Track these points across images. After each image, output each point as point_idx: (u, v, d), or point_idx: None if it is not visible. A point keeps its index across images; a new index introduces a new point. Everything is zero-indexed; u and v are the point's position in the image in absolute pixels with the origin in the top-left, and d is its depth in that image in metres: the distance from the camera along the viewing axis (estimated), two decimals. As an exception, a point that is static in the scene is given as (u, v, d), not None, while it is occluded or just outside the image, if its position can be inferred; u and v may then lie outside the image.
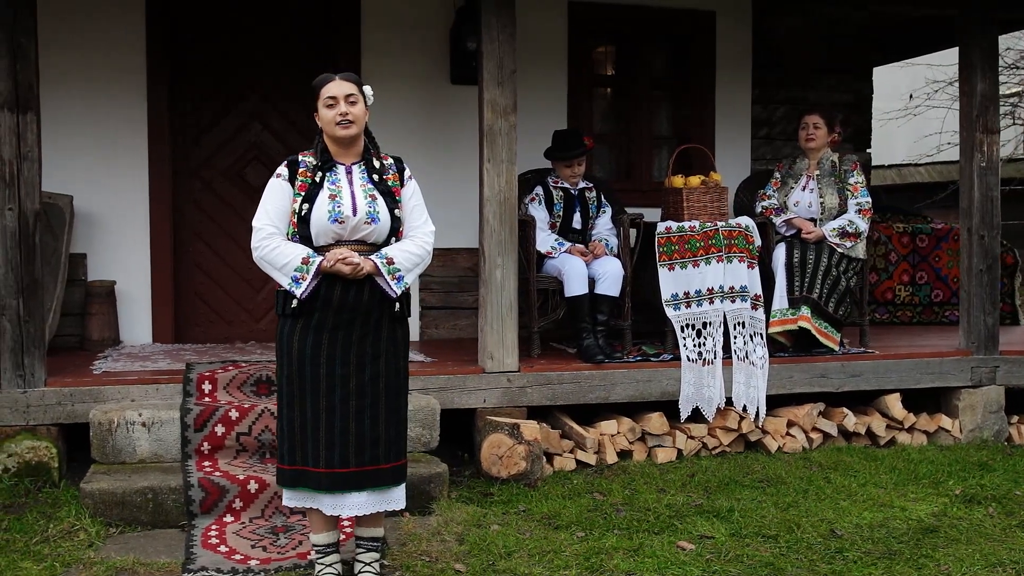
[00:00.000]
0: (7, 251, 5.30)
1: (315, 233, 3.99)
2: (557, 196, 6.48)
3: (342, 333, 3.99)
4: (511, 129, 5.78)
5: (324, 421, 3.99)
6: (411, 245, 4.08)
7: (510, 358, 5.86)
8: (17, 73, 5.26)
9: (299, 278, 3.95)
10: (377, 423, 4.02)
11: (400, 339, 4.11)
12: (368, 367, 4.01)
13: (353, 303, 3.98)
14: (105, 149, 6.62)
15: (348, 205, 3.99)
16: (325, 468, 3.98)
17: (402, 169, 4.18)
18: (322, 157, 4.11)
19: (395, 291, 4.00)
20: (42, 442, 5.32)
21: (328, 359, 3.98)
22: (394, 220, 4.04)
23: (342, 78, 4.08)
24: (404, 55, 7.08)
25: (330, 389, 3.98)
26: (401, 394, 4.10)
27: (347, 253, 3.94)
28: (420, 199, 4.21)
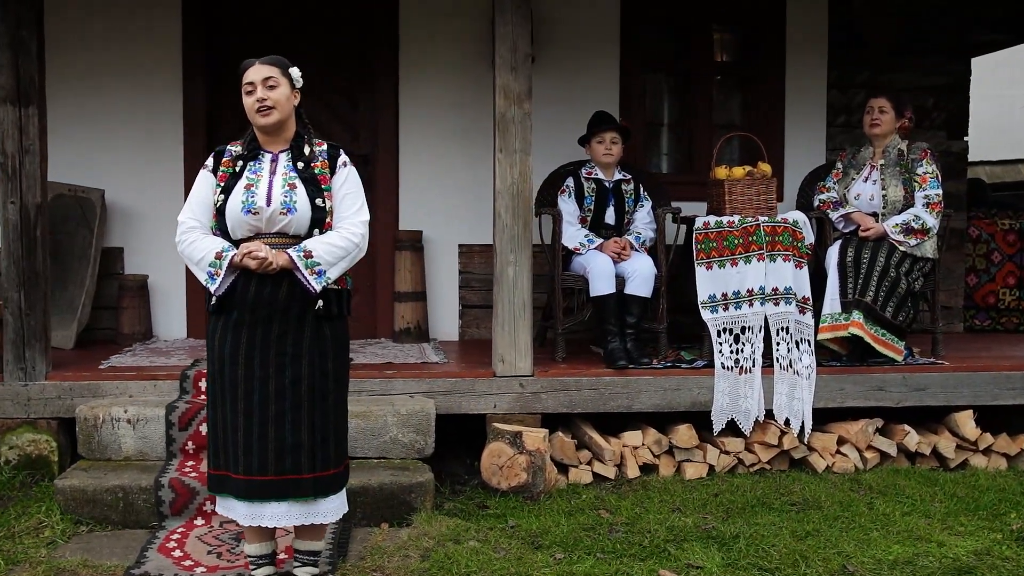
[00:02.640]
0: (9, 244, 5.30)
1: (231, 226, 3.76)
2: (589, 188, 6.06)
3: (260, 332, 3.73)
4: (525, 117, 5.41)
5: (243, 425, 3.74)
6: (335, 237, 3.77)
7: (523, 361, 5.50)
8: (19, 67, 5.25)
9: (213, 274, 3.73)
10: (299, 429, 3.74)
11: (329, 338, 3.81)
12: (288, 368, 3.73)
13: (269, 300, 3.72)
14: (141, 143, 6.61)
15: (263, 195, 3.73)
16: (244, 475, 3.74)
17: (335, 155, 3.89)
18: (249, 146, 3.87)
19: (314, 287, 3.71)
20: (42, 435, 5.31)
21: (247, 359, 3.74)
22: (316, 210, 3.75)
23: (262, 62, 3.81)
24: (443, 45, 6.81)
25: (248, 391, 3.73)
26: (328, 398, 3.81)
27: (254, 247, 3.69)
28: (355, 187, 3.89)
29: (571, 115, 6.43)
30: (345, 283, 3.89)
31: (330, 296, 3.80)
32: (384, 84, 6.86)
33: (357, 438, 5.10)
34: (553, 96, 6.81)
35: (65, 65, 6.62)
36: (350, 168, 3.90)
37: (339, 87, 6.94)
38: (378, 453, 5.13)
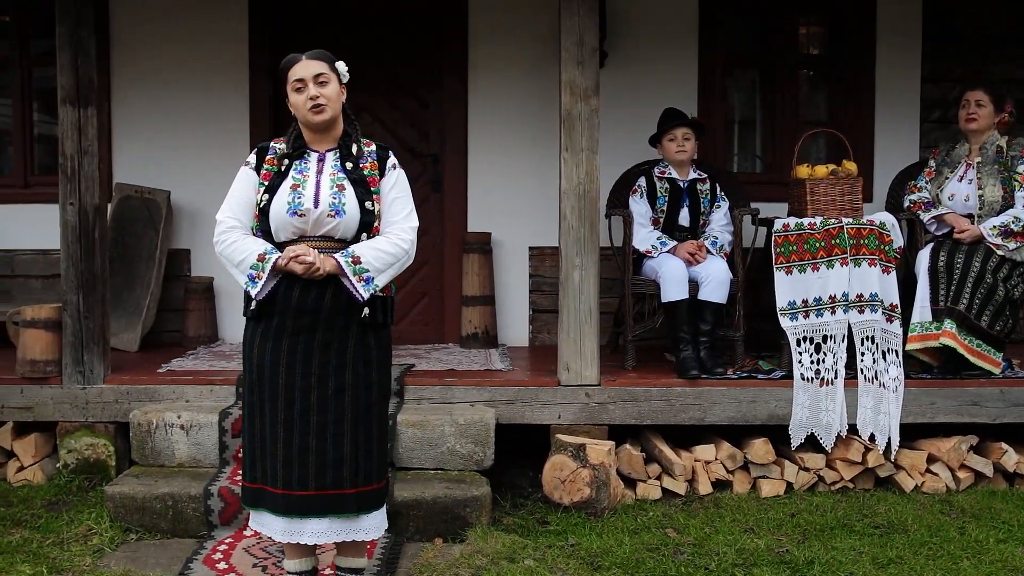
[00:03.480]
0: (68, 246, 5.25)
1: (275, 227, 3.58)
2: (662, 188, 5.77)
3: (303, 340, 3.55)
4: (592, 114, 5.16)
5: (282, 437, 3.56)
6: (384, 243, 3.58)
7: (589, 370, 5.24)
8: (78, 67, 5.20)
9: (255, 276, 3.55)
10: (341, 442, 3.55)
11: (374, 348, 3.62)
12: (332, 378, 3.55)
13: (313, 306, 3.54)
14: (207, 144, 6.53)
15: (310, 196, 3.55)
16: (282, 489, 3.56)
17: (384, 157, 3.70)
18: (294, 144, 3.69)
19: (361, 294, 3.52)
20: (100, 439, 5.25)
21: (288, 368, 3.56)
22: (365, 213, 3.56)
23: (310, 56, 3.63)
24: (513, 40, 6.58)
25: (289, 402, 3.56)
26: (371, 410, 3.61)
27: (301, 250, 3.50)
28: (404, 191, 3.70)
29: (647, 113, 6.13)
30: (389, 290, 3.70)
31: (376, 304, 3.61)
32: (453, 82, 6.67)
33: (413, 448, 4.93)
34: (628, 93, 6.54)
35: (132, 65, 6.62)
36: (400, 171, 3.71)
37: (407, 86, 6.78)
38: (435, 464, 4.93)
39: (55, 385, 5.29)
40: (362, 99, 6.74)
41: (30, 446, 5.28)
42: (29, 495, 5.05)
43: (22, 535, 4.56)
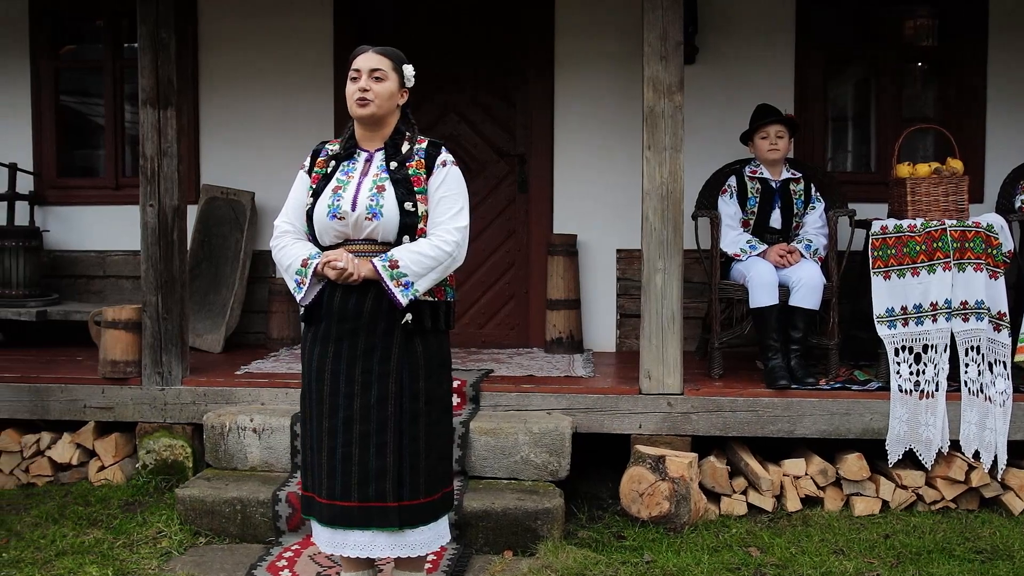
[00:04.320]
0: (148, 247, 5.26)
1: (318, 231, 3.48)
2: (752, 188, 5.51)
3: (346, 345, 3.44)
4: (676, 111, 4.94)
5: (327, 445, 3.46)
6: (424, 245, 3.42)
7: (671, 378, 5.02)
8: (158, 68, 5.20)
9: (300, 282, 3.46)
10: (384, 453, 3.41)
11: (421, 355, 3.47)
12: (374, 387, 3.42)
13: (354, 312, 3.42)
14: (291, 145, 6.48)
15: (349, 199, 3.43)
16: (327, 499, 3.45)
17: (434, 154, 3.53)
18: (346, 144, 3.59)
19: (400, 300, 3.38)
20: (178, 440, 5.25)
21: (332, 374, 3.45)
22: (405, 215, 3.41)
23: (375, 51, 3.52)
24: (600, 35, 6.38)
25: (334, 409, 3.45)
26: (418, 421, 3.46)
27: (334, 255, 3.39)
28: (453, 190, 3.51)
29: (740, 110, 5.88)
30: (443, 294, 3.55)
31: (422, 309, 3.47)
32: (539, 80, 6.51)
33: (486, 457, 4.78)
34: (720, 90, 6.30)
35: (218, 65, 6.66)
36: (450, 168, 3.53)
37: (494, 84, 6.64)
38: (508, 474, 4.78)
39: (135, 386, 5.31)
40: (449, 98, 6.67)
41: (111, 446, 5.31)
42: (107, 495, 5.08)
43: (96, 536, 4.57)
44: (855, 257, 5.46)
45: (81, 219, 6.82)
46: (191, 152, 6.65)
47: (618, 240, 6.44)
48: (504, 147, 6.64)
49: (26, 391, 5.36)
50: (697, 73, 6.17)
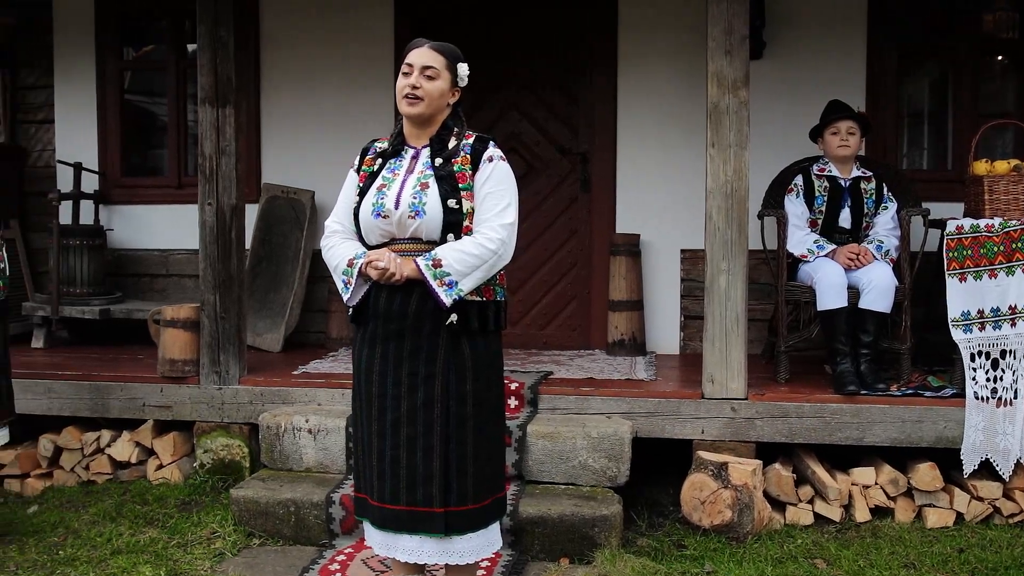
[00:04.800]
0: (206, 246, 5.26)
1: (364, 230, 3.41)
2: (820, 187, 5.32)
3: (393, 347, 3.36)
4: (741, 107, 4.79)
5: (376, 447, 3.39)
6: (468, 243, 3.31)
7: (735, 382, 4.87)
8: (217, 67, 5.19)
9: (347, 282, 3.40)
10: (430, 457, 3.32)
11: (468, 357, 3.36)
12: (420, 389, 3.33)
13: (399, 312, 3.33)
14: (351, 143, 6.36)
15: (392, 197, 3.34)
16: (377, 501, 3.38)
17: (480, 149, 3.41)
18: (395, 140, 3.50)
19: (444, 300, 3.28)
20: (235, 440, 5.23)
21: (380, 376, 3.37)
22: (449, 212, 3.30)
23: (430, 46, 3.41)
24: (665, 29, 6.23)
25: (382, 410, 3.37)
26: (466, 425, 3.35)
27: (375, 255, 3.32)
28: (500, 185, 3.38)
29: (809, 107, 5.70)
30: (492, 294, 3.45)
31: (469, 309, 3.36)
32: (602, 75, 6.38)
33: (543, 461, 4.68)
34: (788, 85, 6.10)
35: (280, 64, 6.65)
36: (497, 163, 3.40)
37: (556, 81, 6.52)
38: (565, 479, 4.67)
39: (193, 385, 5.31)
40: (511, 95, 6.57)
41: (169, 445, 5.32)
42: (165, 494, 5.07)
43: (151, 535, 4.57)
44: (929, 258, 5.24)
45: (145, 218, 6.87)
46: (252, 151, 6.65)
47: (682, 240, 6.29)
48: (566, 145, 6.52)
49: (87, 389, 5.39)
50: (764, 68, 5.98)
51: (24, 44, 6.96)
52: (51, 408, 5.43)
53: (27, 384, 5.39)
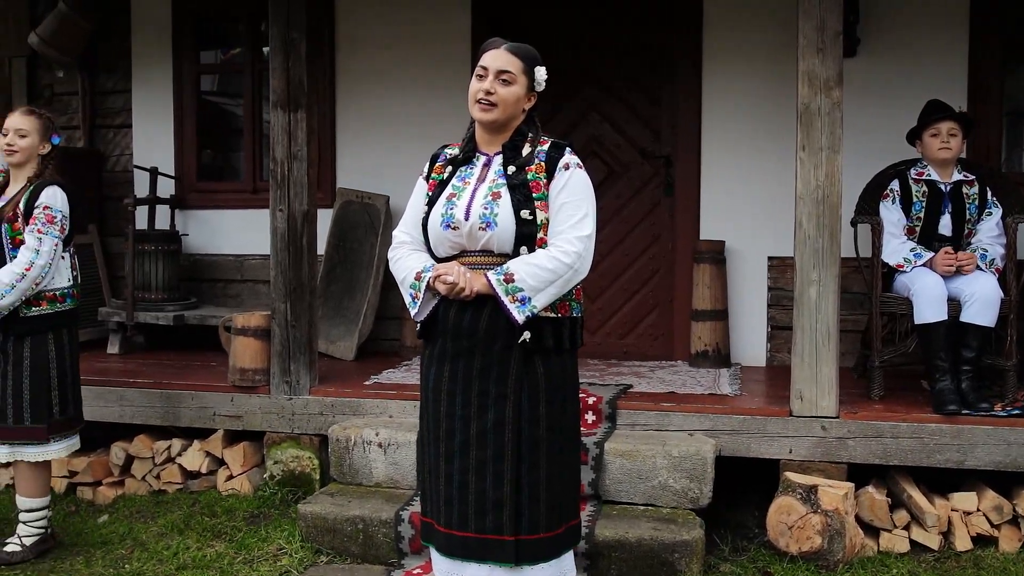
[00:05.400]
0: (277, 253, 5.15)
1: (432, 242, 3.25)
2: (918, 192, 5.01)
3: (462, 365, 3.19)
4: (834, 108, 4.52)
5: (443, 470, 3.22)
6: (542, 257, 3.12)
7: (826, 400, 4.60)
8: (289, 70, 5.08)
9: (414, 296, 3.24)
10: (501, 482, 3.14)
11: (543, 377, 3.19)
12: (491, 410, 3.15)
13: (469, 329, 3.17)
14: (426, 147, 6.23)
15: (463, 207, 3.18)
16: (444, 527, 3.22)
17: (556, 156, 3.22)
18: (466, 147, 3.33)
19: (517, 317, 3.10)
20: (305, 452, 5.11)
21: (448, 395, 3.21)
22: (522, 223, 3.13)
23: (507, 48, 3.24)
24: (753, 26, 5.96)
25: (450, 432, 3.21)
26: (539, 448, 3.17)
27: (444, 269, 3.15)
28: (576, 195, 3.20)
29: (904, 107, 5.39)
30: (568, 310, 3.25)
31: (543, 326, 3.18)
32: (686, 75, 6.13)
33: (621, 480, 4.47)
34: (883, 85, 5.79)
35: (355, 67, 6.56)
36: (574, 171, 3.22)
37: (637, 81, 6.28)
38: (644, 499, 4.46)
39: (263, 395, 5.21)
40: (591, 97, 6.37)
41: (239, 455, 5.22)
42: (233, 506, 4.98)
43: (218, 549, 4.47)
44: (1023, 269, 4.91)
45: (220, 223, 6.82)
46: (327, 155, 6.56)
47: (770, 247, 6.01)
48: (649, 148, 6.29)
49: (158, 397, 5.33)
50: (858, 66, 5.68)
51: (103, 49, 6.97)
52: (123, 416, 5.38)
53: (99, 391, 5.36)
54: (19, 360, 4.34)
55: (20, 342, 4.34)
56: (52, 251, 4.31)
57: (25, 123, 4.40)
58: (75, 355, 4.55)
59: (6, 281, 4.24)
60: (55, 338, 4.40)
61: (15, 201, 4.34)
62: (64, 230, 4.37)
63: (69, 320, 4.49)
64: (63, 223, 4.36)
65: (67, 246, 4.46)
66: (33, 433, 4.36)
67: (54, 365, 4.40)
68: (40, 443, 4.39)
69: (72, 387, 4.50)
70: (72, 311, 4.50)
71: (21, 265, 4.25)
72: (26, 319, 4.33)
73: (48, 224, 4.30)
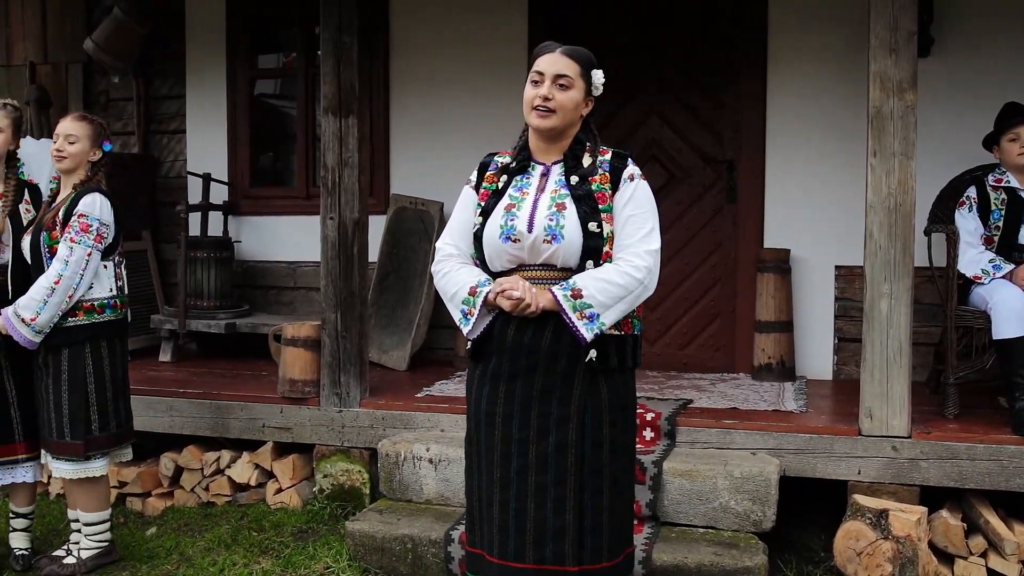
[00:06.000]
0: (327, 262, 5.05)
1: (488, 255, 3.08)
2: (997, 200, 4.76)
3: (521, 385, 3.02)
4: (907, 111, 4.29)
5: (498, 497, 3.05)
6: (612, 272, 2.97)
7: (897, 419, 4.37)
8: (340, 74, 4.98)
9: (467, 313, 3.07)
10: (563, 509, 2.97)
11: (606, 397, 3.02)
12: (553, 433, 2.99)
13: (530, 347, 3.00)
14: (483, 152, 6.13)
15: (525, 218, 3.01)
16: (498, 558, 3.05)
17: (620, 167, 3.07)
18: (519, 155, 3.17)
19: (584, 335, 2.94)
20: (355, 466, 5.00)
21: (504, 418, 3.04)
22: (589, 237, 2.97)
23: (563, 51, 3.08)
24: (819, 26, 5.71)
25: (506, 457, 3.04)
26: (602, 473, 3.01)
27: (509, 283, 2.98)
28: (642, 208, 3.05)
29: (980, 110, 5.15)
30: (630, 327, 3.08)
31: (608, 344, 3.01)
32: (750, 76, 5.90)
33: (680, 501, 4.28)
34: (957, 86, 5.53)
35: (409, 71, 6.45)
36: (639, 183, 3.07)
37: (699, 82, 6.07)
38: (704, 521, 4.27)
39: (312, 407, 5.10)
40: (651, 100, 6.17)
41: (288, 468, 5.12)
42: (282, 520, 4.87)
43: (264, 566, 4.36)
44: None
45: (273, 229, 6.75)
46: (381, 160, 6.45)
47: (837, 256, 5.76)
48: (711, 152, 6.08)
49: (208, 408, 5.25)
50: (930, 67, 5.42)
51: (158, 54, 6.94)
52: (172, 426, 5.31)
53: (149, 401, 5.30)
54: (58, 373, 4.21)
55: (57, 354, 4.21)
56: (83, 260, 4.14)
57: (75, 128, 4.28)
58: (118, 369, 4.37)
59: (37, 298, 4.12)
60: (92, 351, 4.24)
61: (57, 208, 4.26)
62: (102, 239, 4.21)
63: (110, 332, 4.32)
64: (100, 231, 4.20)
65: (109, 255, 4.31)
66: (72, 449, 4.22)
67: (92, 380, 4.24)
68: (77, 460, 4.24)
69: (114, 402, 4.33)
70: (114, 322, 4.32)
71: (50, 279, 4.12)
72: (62, 330, 4.18)
73: (82, 233, 4.15)
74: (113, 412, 4.34)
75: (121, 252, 4.44)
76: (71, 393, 4.21)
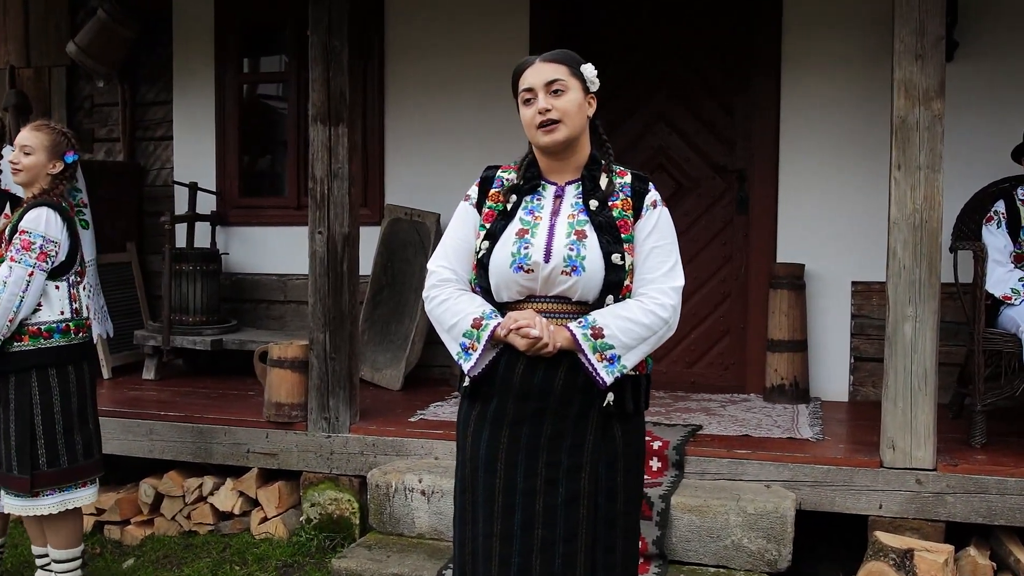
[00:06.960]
0: (315, 279, 4.77)
1: (495, 284, 2.73)
2: (1028, 215, 4.49)
3: (527, 430, 2.69)
4: (934, 121, 4.00)
5: (498, 553, 2.71)
6: (636, 310, 2.65)
7: (922, 450, 4.08)
8: (330, 81, 4.70)
9: (468, 347, 2.71)
10: (573, 566, 2.66)
11: (620, 444, 2.71)
12: (563, 483, 2.66)
13: (541, 388, 2.67)
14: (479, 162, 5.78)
15: (540, 246, 2.67)
16: None
17: (642, 191, 2.75)
18: (526, 173, 2.85)
19: (603, 378, 2.62)
20: (344, 494, 4.71)
21: (507, 466, 2.71)
22: (612, 270, 2.65)
23: (544, 59, 2.75)
24: (836, 30, 5.42)
25: (508, 508, 2.70)
26: (616, 525, 2.70)
27: (525, 320, 2.64)
28: (666, 238, 2.73)
29: (1008, 119, 4.89)
30: (644, 366, 2.77)
31: (624, 387, 2.70)
32: (762, 83, 5.61)
33: (689, 539, 4.00)
34: (982, 94, 5.24)
35: (406, 78, 6.18)
36: (661, 210, 2.75)
37: (710, 89, 5.81)
38: (715, 560, 3.98)
39: (300, 431, 4.82)
40: (658, 106, 5.90)
41: (274, 495, 4.84)
42: (266, 552, 4.59)
43: (245, 605, 4.10)
44: None
45: (262, 241, 6.48)
46: (376, 170, 6.19)
47: (854, 271, 5.47)
48: (721, 161, 5.80)
49: (190, 432, 4.97)
50: (954, 73, 5.11)
51: (144, 59, 6.67)
52: (152, 451, 5.04)
53: (128, 424, 5.03)
54: (5, 402, 3.87)
55: (5, 381, 3.86)
56: (23, 281, 3.78)
57: (31, 139, 3.93)
58: (71, 399, 3.96)
59: None
60: (39, 379, 3.87)
61: (6, 225, 3.94)
62: (47, 256, 3.84)
63: (61, 358, 3.93)
64: (45, 248, 3.83)
65: (62, 275, 3.93)
66: (19, 483, 3.86)
67: (39, 410, 3.86)
68: (26, 496, 3.88)
69: (65, 435, 3.93)
70: (64, 348, 3.93)
71: None
72: (7, 355, 3.84)
73: (23, 251, 3.80)
74: (65, 446, 3.94)
75: (79, 272, 4.04)
76: (18, 423, 3.85)
